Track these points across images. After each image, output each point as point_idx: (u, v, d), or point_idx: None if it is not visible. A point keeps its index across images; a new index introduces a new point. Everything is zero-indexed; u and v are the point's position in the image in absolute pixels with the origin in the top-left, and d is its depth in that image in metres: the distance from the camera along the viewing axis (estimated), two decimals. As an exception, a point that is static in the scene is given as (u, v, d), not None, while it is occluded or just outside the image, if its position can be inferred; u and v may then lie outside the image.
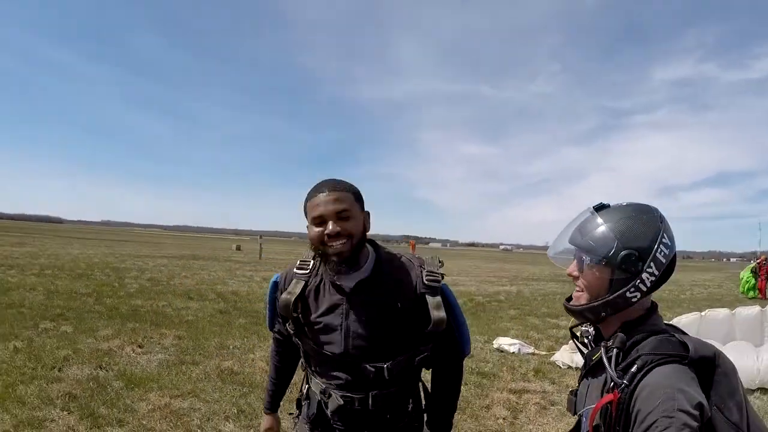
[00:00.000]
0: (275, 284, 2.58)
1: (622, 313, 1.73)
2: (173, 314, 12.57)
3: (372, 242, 2.46)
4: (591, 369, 1.82)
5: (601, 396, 1.67)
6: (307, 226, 2.33)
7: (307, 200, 2.32)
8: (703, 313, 10.55)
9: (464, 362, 2.66)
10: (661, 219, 1.74)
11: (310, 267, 2.45)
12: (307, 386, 2.58)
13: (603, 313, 1.73)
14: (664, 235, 1.70)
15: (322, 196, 2.26)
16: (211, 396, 6.62)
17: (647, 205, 1.78)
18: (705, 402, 1.49)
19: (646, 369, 1.56)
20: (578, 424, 1.90)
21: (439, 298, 2.35)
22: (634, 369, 1.57)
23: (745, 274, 27.15)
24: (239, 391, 6.84)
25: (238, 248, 62.90)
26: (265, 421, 2.83)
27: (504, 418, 6.58)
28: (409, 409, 2.50)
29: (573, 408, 1.91)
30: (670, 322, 1.95)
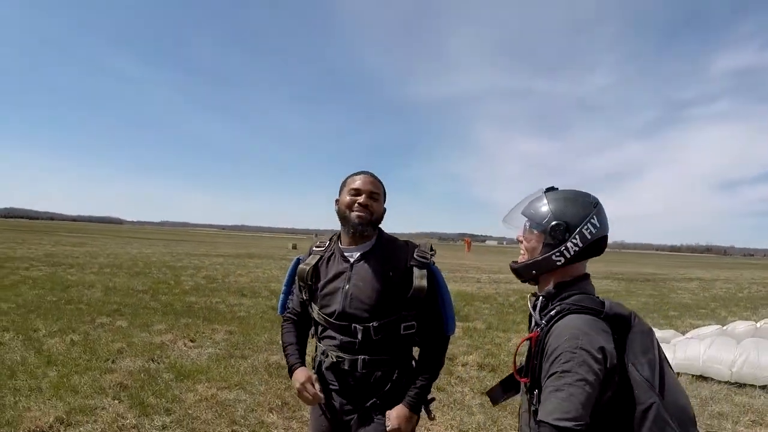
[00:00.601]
0: (297, 261, 3.09)
1: (556, 275, 2.12)
2: (226, 310, 12.82)
3: (378, 228, 2.97)
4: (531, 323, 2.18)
5: None
6: (337, 200, 2.93)
7: (347, 178, 2.92)
8: (725, 327, 10.34)
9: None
10: (596, 205, 2.11)
11: (326, 245, 3.04)
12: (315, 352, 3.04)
13: (534, 271, 2.15)
14: (594, 217, 2.07)
15: (363, 177, 2.87)
16: (257, 388, 6.76)
17: (587, 193, 2.17)
18: (609, 348, 1.79)
19: (562, 314, 1.91)
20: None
21: (425, 271, 2.82)
22: (552, 313, 1.95)
23: None
24: (285, 384, 6.95)
25: (294, 247, 63.49)
26: (299, 373, 2.88)
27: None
28: (394, 377, 2.85)
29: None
30: (689, 334, 2.33)
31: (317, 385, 2.83)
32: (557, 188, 2.21)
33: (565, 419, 1.68)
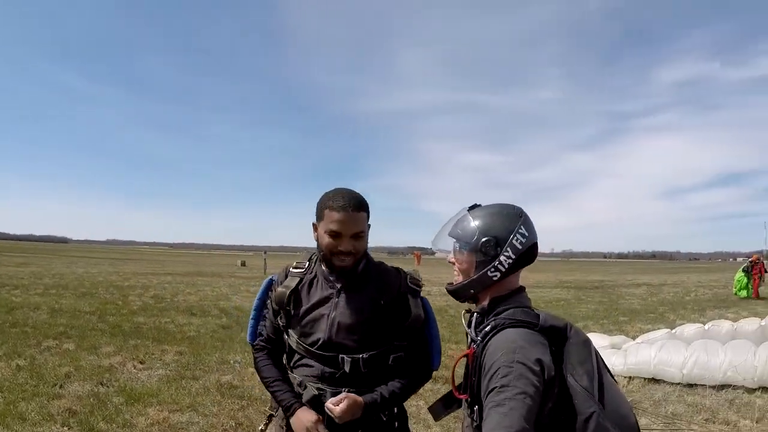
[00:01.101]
0: (270, 283, 2.81)
1: (491, 290, 2.10)
2: (175, 330, 12.66)
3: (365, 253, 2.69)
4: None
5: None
6: (316, 225, 2.60)
7: (326, 206, 2.52)
8: (674, 330, 10.69)
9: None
10: (521, 215, 2.12)
11: (306, 266, 2.73)
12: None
13: (471, 290, 2.13)
14: (522, 227, 2.08)
15: (344, 215, 2.47)
16: (209, 410, 6.69)
17: (511, 205, 2.17)
18: (546, 360, 1.80)
19: (497, 329, 1.91)
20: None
21: (419, 300, 2.67)
22: (487, 329, 1.94)
23: (738, 273, 26.05)
24: (238, 404, 6.91)
25: (243, 264, 62.88)
26: (305, 414, 2.49)
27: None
28: (384, 419, 2.61)
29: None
30: (639, 339, 2.34)
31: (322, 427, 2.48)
32: (480, 204, 2.20)
33: None
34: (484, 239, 2.05)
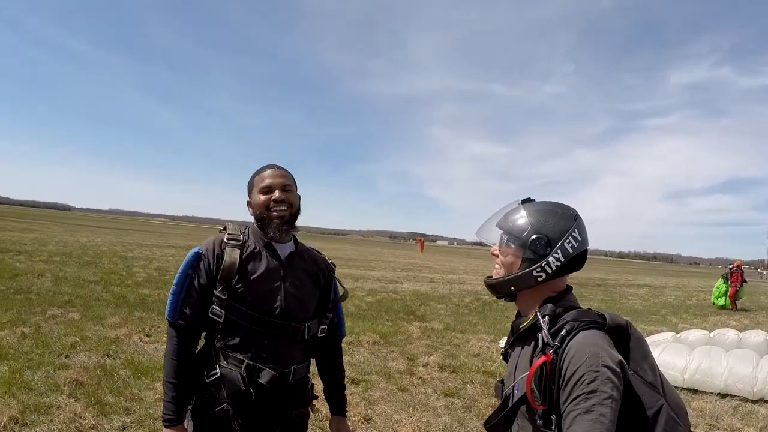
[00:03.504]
0: (197, 256, 2.66)
1: (540, 292, 1.99)
2: (180, 304, 12.49)
3: None
4: (520, 336, 2.03)
5: (532, 362, 1.86)
6: (249, 200, 2.76)
7: (254, 176, 2.76)
8: (679, 335, 10.76)
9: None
10: (576, 217, 2.02)
11: (241, 239, 2.72)
12: (214, 369, 2.60)
13: (512, 287, 2.02)
14: (575, 230, 1.98)
15: (271, 171, 2.72)
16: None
17: (566, 205, 2.07)
18: (623, 360, 1.74)
19: (573, 332, 1.79)
20: (505, 401, 2.04)
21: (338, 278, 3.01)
22: (563, 332, 1.80)
23: (718, 281, 24.79)
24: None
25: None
26: None
27: (510, 418, 6.56)
28: (310, 386, 2.87)
29: (501, 392, 2.11)
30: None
31: None
32: (534, 199, 2.12)
33: None
34: (535, 236, 1.96)
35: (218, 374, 2.58)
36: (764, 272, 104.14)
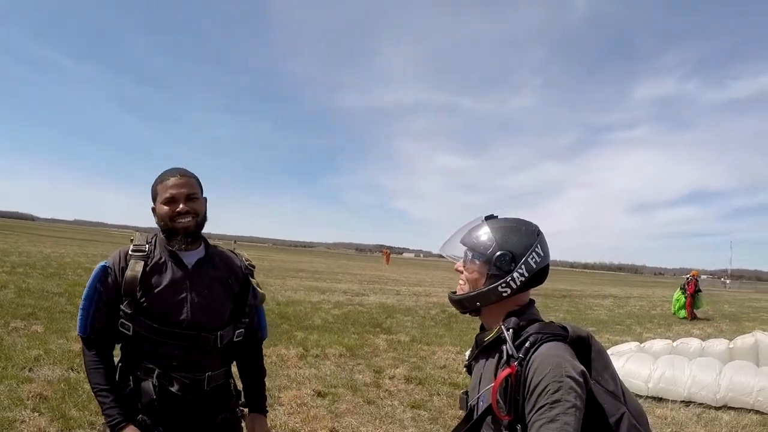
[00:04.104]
0: (104, 270, 2.65)
1: (504, 306, 2.05)
2: (146, 317, 12.35)
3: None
4: (484, 349, 2.08)
5: (496, 374, 1.90)
6: (154, 207, 2.69)
7: (157, 183, 2.68)
8: (643, 344, 10.98)
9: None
10: (538, 233, 2.09)
11: (147, 249, 2.69)
12: (128, 381, 2.60)
13: (478, 303, 2.07)
14: (538, 246, 2.04)
15: (174, 180, 2.64)
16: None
17: (528, 221, 2.15)
18: (585, 370, 1.81)
19: (537, 344, 1.86)
20: (470, 413, 2.07)
21: (256, 281, 2.89)
22: (527, 344, 1.86)
23: (677, 292, 24.90)
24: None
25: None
26: None
27: (476, 430, 6.63)
28: (232, 388, 2.85)
29: (466, 403, 2.15)
30: (608, 351, 2.27)
31: None
32: (496, 216, 2.17)
33: None
34: (499, 253, 2.01)
35: (131, 386, 2.57)
36: (727, 281, 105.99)
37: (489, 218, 2.16)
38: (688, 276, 25.06)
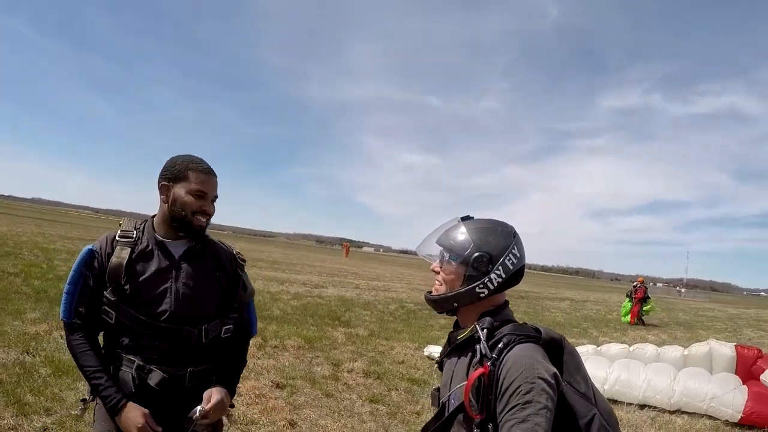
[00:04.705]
0: (90, 254, 2.59)
1: (479, 306, 2.06)
2: (104, 301, 12.18)
3: None
4: (457, 347, 2.09)
5: (468, 373, 1.93)
6: (168, 186, 2.59)
7: (189, 167, 2.59)
8: (600, 347, 11.23)
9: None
10: (515, 235, 2.10)
11: (134, 236, 2.62)
12: (109, 367, 2.54)
13: (455, 303, 2.07)
14: (515, 247, 2.06)
15: (210, 177, 2.61)
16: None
17: (505, 222, 2.16)
18: (557, 372, 1.84)
19: (511, 345, 1.86)
20: (441, 410, 2.07)
21: (247, 275, 2.87)
22: (500, 345, 1.87)
23: (625, 300, 25.09)
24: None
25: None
26: (134, 412, 2.43)
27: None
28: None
29: (437, 400, 2.15)
30: None
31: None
32: (473, 217, 2.17)
33: None
34: (477, 254, 2.01)
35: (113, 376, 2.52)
36: (682, 290, 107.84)
37: (465, 219, 2.16)
38: (635, 283, 25.35)
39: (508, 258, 2.02)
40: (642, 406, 8.62)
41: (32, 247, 22.87)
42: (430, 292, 2.18)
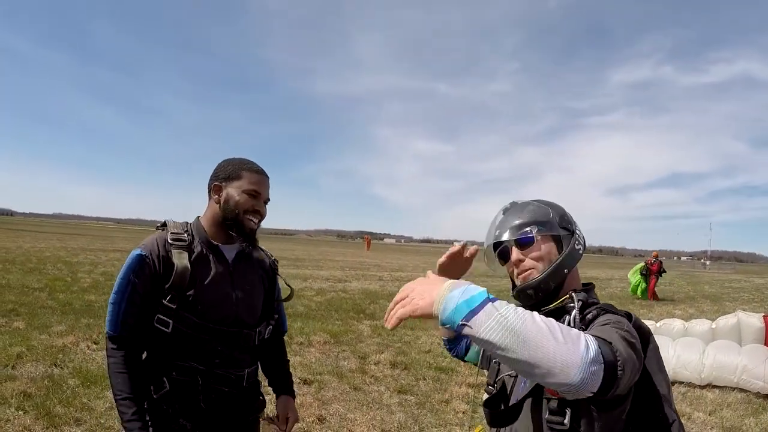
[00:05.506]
0: (140, 259, 2.39)
1: (569, 284, 1.86)
2: (129, 310, 12.27)
3: None
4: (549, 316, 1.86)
5: None
6: (220, 185, 2.53)
7: (243, 168, 2.55)
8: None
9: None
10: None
11: (186, 239, 2.49)
12: (163, 383, 2.41)
13: (565, 270, 1.84)
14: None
15: (265, 179, 2.60)
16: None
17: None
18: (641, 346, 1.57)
19: (599, 316, 1.67)
20: (501, 391, 1.90)
21: (282, 277, 2.89)
22: (589, 316, 1.69)
23: (635, 276, 24.83)
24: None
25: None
26: None
27: (463, 412, 6.72)
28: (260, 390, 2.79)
29: (496, 374, 1.97)
30: None
31: None
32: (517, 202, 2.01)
33: (610, 350, 1.35)
34: (560, 214, 1.90)
35: (167, 388, 2.39)
36: (707, 262, 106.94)
37: (512, 204, 2.01)
38: (651, 258, 25.13)
39: (577, 226, 1.93)
40: (672, 382, 8.44)
41: (56, 262, 23.13)
42: (515, 287, 1.95)
